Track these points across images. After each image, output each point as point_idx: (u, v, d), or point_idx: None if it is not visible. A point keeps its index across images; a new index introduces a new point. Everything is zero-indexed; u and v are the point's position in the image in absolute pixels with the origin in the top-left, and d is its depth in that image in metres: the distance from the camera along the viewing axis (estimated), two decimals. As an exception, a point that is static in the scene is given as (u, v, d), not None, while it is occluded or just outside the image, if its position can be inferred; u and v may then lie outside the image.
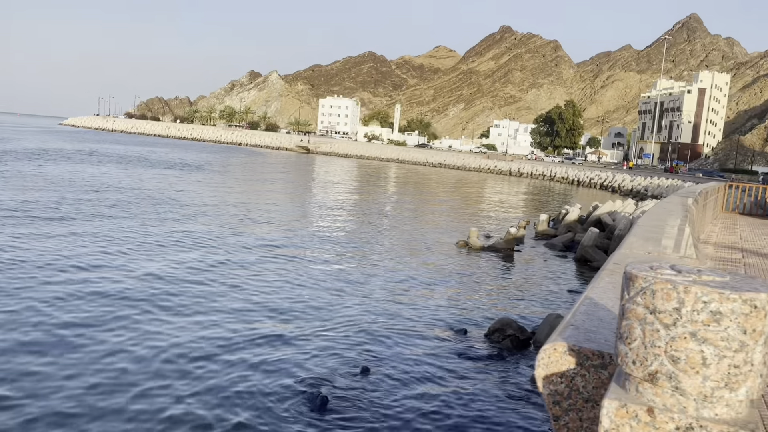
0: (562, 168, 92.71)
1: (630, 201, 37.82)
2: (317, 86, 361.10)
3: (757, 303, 1.18)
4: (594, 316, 1.89)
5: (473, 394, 9.12)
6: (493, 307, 14.54)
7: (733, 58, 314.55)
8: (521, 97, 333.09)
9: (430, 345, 11.28)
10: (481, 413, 8.48)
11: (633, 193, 59.89)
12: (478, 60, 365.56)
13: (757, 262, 10.59)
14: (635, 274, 1.29)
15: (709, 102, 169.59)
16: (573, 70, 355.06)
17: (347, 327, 12.00)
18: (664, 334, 1.22)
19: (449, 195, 50.56)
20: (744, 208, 22.82)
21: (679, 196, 13.09)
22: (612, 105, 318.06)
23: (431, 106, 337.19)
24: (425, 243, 23.47)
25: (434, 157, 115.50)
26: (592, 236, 21.80)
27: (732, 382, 1.19)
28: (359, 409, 8.31)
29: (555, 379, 1.61)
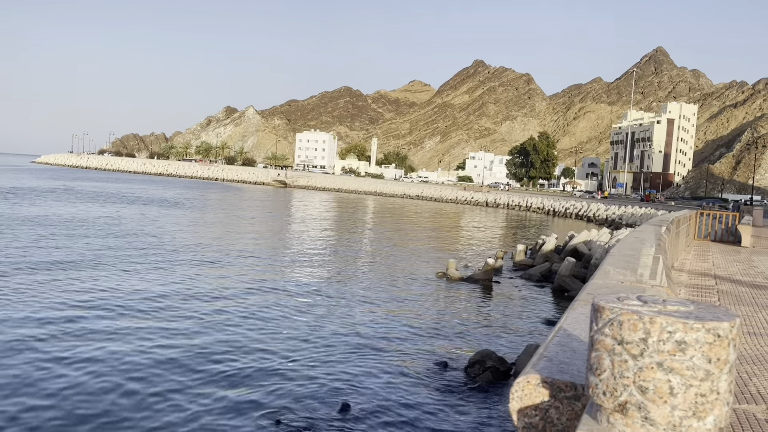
0: (537, 198, 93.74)
1: (605, 230, 38.28)
2: (294, 121, 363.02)
3: (720, 332, 1.20)
4: (567, 347, 1.91)
5: (454, 429, 9.02)
6: (473, 339, 14.50)
7: (700, 89, 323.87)
8: (496, 129, 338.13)
9: (410, 379, 11.18)
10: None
11: (608, 221, 60.67)
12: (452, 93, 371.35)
13: (730, 288, 10.75)
14: (603, 306, 1.31)
15: (678, 132, 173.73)
16: (545, 102, 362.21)
17: (327, 362, 11.86)
18: (632, 364, 1.24)
19: (427, 226, 50.74)
20: (716, 235, 23.21)
21: (652, 225, 13.29)
22: (584, 136, 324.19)
23: (408, 139, 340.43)
24: (404, 274, 23.44)
25: (411, 189, 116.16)
26: (569, 266, 21.97)
27: (699, 411, 1.20)
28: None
29: (529, 412, 1.61)
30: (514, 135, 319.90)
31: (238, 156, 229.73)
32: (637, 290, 2.08)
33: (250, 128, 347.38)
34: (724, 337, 1.21)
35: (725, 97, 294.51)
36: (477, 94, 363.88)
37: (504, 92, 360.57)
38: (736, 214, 25.21)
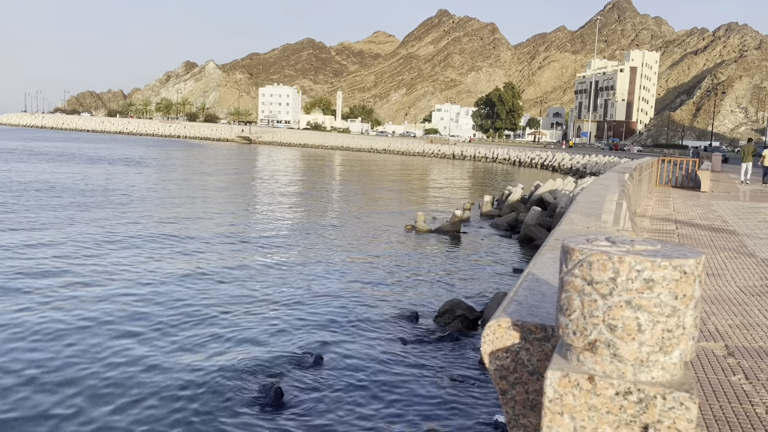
0: (503, 149, 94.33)
1: (570, 179, 38.85)
2: (256, 75, 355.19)
3: (686, 269, 1.23)
4: (536, 290, 1.94)
5: (426, 376, 9.24)
6: (442, 289, 14.73)
7: (662, 36, 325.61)
8: (461, 80, 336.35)
9: (381, 330, 11.35)
10: (434, 394, 8.61)
11: (572, 171, 61.51)
12: (417, 44, 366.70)
13: (689, 231, 11.07)
14: (572, 247, 1.32)
15: (640, 80, 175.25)
16: (510, 52, 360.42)
17: (298, 317, 11.94)
18: (602, 303, 1.26)
19: (395, 180, 50.78)
20: (676, 181, 23.75)
21: (615, 173, 13.52)
22: (549, 86, 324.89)
23: (373, 92, 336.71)
24: (373, 228, 23.54)
25: (378, 143, 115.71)
26: (535, 215, 22.30)
27: (666, 346, 1.24)
28: (314, 399, 8.31)
29: (500, 354, 1.64)
30: (479, 86, 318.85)
31: (200, 112, 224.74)
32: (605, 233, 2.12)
33: (211, 83, 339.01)
34: (690, 273, 1.23)
35: (686, 44, 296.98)
36: (442, 44, 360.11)
37: (469, 42, 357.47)
38: (696, 161, 25.78)
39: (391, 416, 7.91)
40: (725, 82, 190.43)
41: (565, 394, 1.25)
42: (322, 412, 7.95)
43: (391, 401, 8.34)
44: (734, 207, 16.05)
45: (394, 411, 8.07)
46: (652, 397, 1.19)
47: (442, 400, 8.43)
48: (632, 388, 1.22)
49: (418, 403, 8.33)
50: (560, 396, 1.25)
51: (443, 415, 7.96)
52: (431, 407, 8.21)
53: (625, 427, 1.20)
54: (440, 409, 8.14)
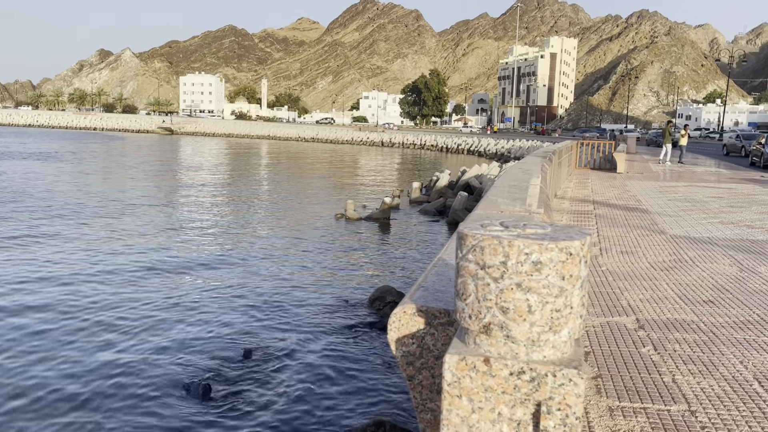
0: (431, 136, 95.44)
1: (495, 164, 39.77)
2: (176, 63, 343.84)
3: (572, 250, 1.28)
4: (444, 276, 1.98)
5: (356, 364, 9.29)
6: (373, 276, 14.81)
7: (579, 23, 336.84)
8: (387, 67, 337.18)
9: (312, 319, 11.31)
10: (365, 383, 8.67)
11: (497, 156, 62.96)
12: (342, 31, 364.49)
13: (606, 212, 11.56)
14: (466, 233, 1.35)
15: (560, 66, 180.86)
16: (435, 39, 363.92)
17: (226, 310, 11.73)
18: (494, 287, 1.30)
19: (325, 169, 50.50)
20: (594, 163, 24.71)
21: (535, 156, 13.93)
22: (474, 72, 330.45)
23: (299, 79, 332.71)
24: (303, 217, 23.36)
25: (306, 131, 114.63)
26: (462, 200, 22.73)
27: (555, 326, 1.29)
28: (243, 392, 8.20)
29: (406, 341, 1.66)
30: (405, 73, 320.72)
31: (118, 103, 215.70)
32: (515, 218, 2.17)
33: (128, 73, 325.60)
34: (576, 254, 1.28)
35: (602, 30, 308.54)
36: (367, 31, 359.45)
37: (394, 29, 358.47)
38: (612, 143, 26.89)
39: (323, 406, 7.92)
40: (638, 68, 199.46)
41: (463, 377, 1.28)
42: (251, 405, 7.86)
43: (322, 391, 8.34)
44: (647, 187, 16.87)
45: (326, 401, 8.07)
46: (544, 375, 1.24)
47: (375, 386, 8.50)
48: (525, 368, 1.27)
49: (352, 391, 8.37)
50: (458, 379, 1.28)
51: (379, 402, 8.03)
52: (366, 395, 8.26)
53: (520, 405, 1.25)
54: (375, 396, 8.21)
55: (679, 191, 15.81)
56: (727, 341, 4.45)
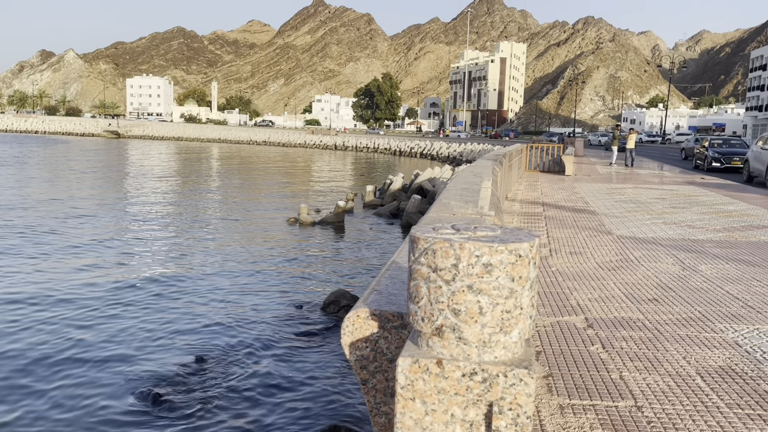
0: (384, 139, 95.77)
1: (447, 167, 40.19)
2: (123, 65, 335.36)
3: (521, 252, 1.30)
4: (398, 279, 1.98)
5: (310, 370, 9.23)
6: (327, 280, 14.74)
7: (528, 29, 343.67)
8: (340, 70, 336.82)
9: (265, 325, 11.18)
10: (319, 388, 8.62)
11: (450, 159, 63.63)
12: (294, 34, 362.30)
13: (555, 213, 11.81)
14: (418, 237, 1.36)
15: (510, 71, 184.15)
16: (387, 43, 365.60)
17: (176, 316, 11.48)
18: (446, 289, 1.31)
19: (277, 173, 50.05)
20: (544, 166, 25.25)
21: (486, 160, 14.14)
22: (426, 76, 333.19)
23: (250, 82, 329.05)
24: (255, 222, 23.08)
25: (258, 135, 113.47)
26: (415, 203, 22.88)
27: (506, 327, 1.31)
28: (195, 400, 8.03)
29: (360, 345, 1.66)
30: (358, 76, 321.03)
31: (61, 105, 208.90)
32: (465, 220, 2.20)
33: (71, 74, 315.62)
34: (525, 256, 1.31)
35: (550, 36, 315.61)
36: (319, 34, 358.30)
37: (346, 33, 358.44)
38: (561, 146, 27.53)
39: (277, 413, 7.83)
40: (585, 73, 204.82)
41: (416, 380, 1.29)
42: (203, 413, 7.71)
43: (276, 398, 8.25)
44: (594, 189, 17.33)
45: (279, 408, 7.99)
46: (495, 375, 1.26)
47: (330, 391, 8.45)
48: (477, 369, 1.28)
49: (306, 398, 8.30)
50: (411, 382, 1.29)
51: (334, 407, 7.99)
52: (321, 400, 8.21)
53: (473, 406, 1.26)
54: (329, 402, 8.16)
55: (625, 193, 16.30)
56: (670, 338, 4.60)
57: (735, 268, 7.07)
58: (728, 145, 31.41)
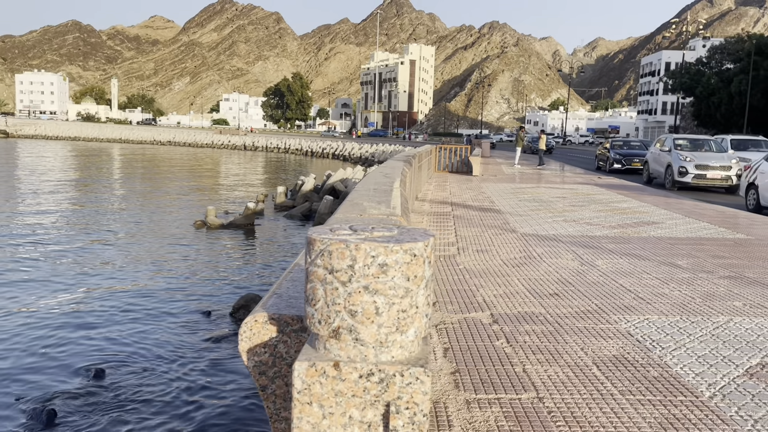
0: (295, 140, 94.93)
1: (359, 168, 40.37)
2: (11, 60, 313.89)
3: (416, 251, 1.32)
4: (299, 282, 1.96)
5: (216, 378, 8.98)
6: (237, 285, 14.41)
7: (436, 32, 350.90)
8: (248, 69, 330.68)
9: (171, 334, 10.77)
10: (225, 397, 8.40)
11: (362, 160, 63.93)
12: (199, 31, 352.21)
13: (463, 212, 12.12)
14: (314, 238, 1.34)
15: (419, 73, 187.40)
16: (297, 42, 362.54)
17: (76, 328, 10.85)
18: (342, 291, 1.30)
19: (183, 174, 48.43)
20: (452, 166, 25.85)
21: (395, 160, 14.29)
22: (336, 77, 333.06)
23: (153, 80, 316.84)
24: (159, 227, 22.21)
25: (163, 134, 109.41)
26: (327, 204, 22.80)
27: (402, 326, 1.32)
28: (93, 417, 7.61)
29: (259, 350, 1.62)
30: (267, 76, 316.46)
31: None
32: (366, 221, 2.20)
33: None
34: (420, 255, 1.32)
35: (457, 39, 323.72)
36: (226, 32, 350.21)
37: (254, 31, 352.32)
38: (468, 147, 28.30)
39: (181, 427, 7.56)
40: (491, 76, 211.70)
41: (313, 384, 1.27)
42: (101, 429, 7.32)
43: (180, 410, 7.96)
44: (500, 189, 17.92)
45: (184, 420, 7.71)
46: (392, 375, 1.26)
47: (236, 400, 8.25)
48: (374, 370, 1.28)
49: (212, 407, 8.07)
50: (308, 386, 1.27)
51: (238, 415, 7.81)
52: (226, 409, 8.00)
53: (370, 407, 1.26)
54: (235, 411, 7.97)
55: (528, 192, 16.96)
56: (570, 330, 4.82)
57: (628, 263, 7.51)
58: (629, 146, 33.06)
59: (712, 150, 22.22)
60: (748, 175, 16.45)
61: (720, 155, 21.44)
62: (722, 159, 20.97)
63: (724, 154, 21.55)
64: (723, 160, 20.80)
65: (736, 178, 20.17)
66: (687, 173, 20.57)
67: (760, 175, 15.67)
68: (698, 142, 23.33)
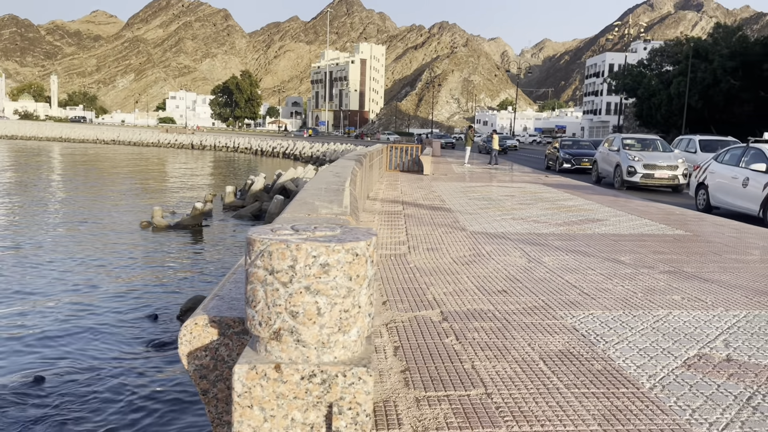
0: (244, 139, 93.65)
1: (310, 167, 40.13)
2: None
3: (358, 251, 1.31)
4: (242, 283, 1.92)
5: (166, 380, 8.78)
6: (185, 287, 14.12)
7: (386, 31, 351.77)
8: (196, 67, 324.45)
9: (116, 338, 10.47)
10: (172, 404, 8.21)
11: (313, 159, 63.54)
12: (144, 27, 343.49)
13: (414, 211, 12.18)
14: (254, 239, 1.32)
15: (370, 72, 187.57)
16: (245, 40, 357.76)
17: (15, 334, 10.42)
18: (283, 292, 1.28)
19: (127, 174, 47.14)
20: (404, 166, 25.97)
21: (347, 159, 14.25)
22: (286, 75, 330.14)
23: (96, 77, 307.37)
24: (104, 227, 21.55)
25: (106, 133, 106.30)
26: (278, 204, 22.57)
27: (344, 326, 1.31)
28: (31, 425, 7.32)
29: (199, 354, 1.59)
30: (215, 73, 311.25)
31: None
32: (307, 221, 2.18)
33: None
34: (362, 255, 1.31)
35: (407, 39, 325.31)
36: (172, 29, 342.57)
37: (201, 28, 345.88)
38: (419, 146, 28.48)
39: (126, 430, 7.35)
40: (441, 76, 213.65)
41: (254, 387, 1.25)
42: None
43: (125, 417, 7.74)
44: (451, 188, 18.10)
45: (130, 426, 7.50)
46: (334, 376, 1.25)
47: (184, 406, 8.08)
48: (316, 371, 1.26)
49: (158, 415, 7.87)
50: (249, 389, 1.24)
51: (189, 422, 7.65)
52: (172, 415, 7.83)
53: (313, 409, 1.24)
54: (185, 415, 7.80)
55: (478, 191, 17.18)
56: (517, 326, 4.90)
57: (573, 259, 7.69)
58: (578, 146, 33.44)
59: (658, 150, 22.60)
60: (697, 175, 16.50)
61: (667, 155, 21.76)
62: (669, 159, 21.26)
63: (671, 154, 21.96)
64: (670, 160, 21.12)
65: (682, 177, 20.65)
66: (636, 173, 20.80)
67: (710, 175, 15.72)
68: (646, 141, 23.63)
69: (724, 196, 15.02)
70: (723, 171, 15.28)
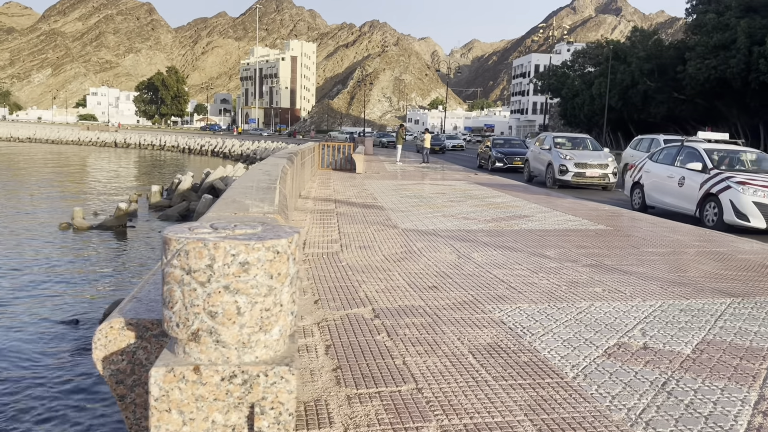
0: (171, 136, 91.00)
1: (240, 165, 39.42)
2: None
3: (279, 249, 1.29)
4: (161, 284, 1.86)
5: (87, 387, 8.42)
6: (108, 290, 13.59)
7: (317, 29, 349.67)
8: (118, 62, 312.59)
9: (35, 345, 9.95)
10: (93, 405, 7.90)
11: (243, 157, 62.44)
12: (62, 20, 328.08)
13: (347, 210, 12.17)
14: (170, 238, 1.28)
15: (301, 69, 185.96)
16: (171, 35, 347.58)
17: None
18: (201, 292, 1.25)
19: (46, 173, 44.89)
20: (336, 164, 25.88)
21: (278, 158, 14.07)
22: (215, 71, 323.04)
23: (9, 71, 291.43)
24: (19, 230, 20.44)
25: (21, 131, 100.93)
26: (206, 203, 22.07)
27: (266, 325, 1.29)
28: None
29: (115, 358, 1.53)
30: (140, 69, 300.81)
31: None
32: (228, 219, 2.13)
33: None
34: (283, 252, 1.29)
35: (338, 37, 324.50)
36: (92, 22, 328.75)
37: (124, 22, 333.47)
38: (352, 145, 28.46)
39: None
40: (372, 74, 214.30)
41: (171, 390, 1.21)
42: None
43: (45, 425, 7.38)
44: (383, 186, 18.18)
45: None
46: (255, 376, 1.23)
47: (107, 412, 7.78)
48: (237, 371, 1.24)
49: (81, 419, 7.55)
50: (166, 393, 1.21)
51: (118, 427, 7.37)
52: (98, 419, 7.52)
53: (234, 410, 1.22)
54: (107, 423, 7.51)
55: (410, 189, 17.33)
56: (447, 321, 4.97)
57: (501, 254, 7.88)
58: (510, 145, 33.75)
59: (589, 149, 23.05)
60: (633, 174, 16.23)
61: (597, 153, 22.14)
62: (599, 157, 21.63)
63: (601, 153, 22.43)
64: (600, 159, 21.54)
65: (612, 176, 21.19)
66: (567, 171, 21.09)
67: (645, 174, 15.50)
68: (576, 140, 24.02)
69: (660, 195, 14.81)
70: (658, 170, 15.03)
